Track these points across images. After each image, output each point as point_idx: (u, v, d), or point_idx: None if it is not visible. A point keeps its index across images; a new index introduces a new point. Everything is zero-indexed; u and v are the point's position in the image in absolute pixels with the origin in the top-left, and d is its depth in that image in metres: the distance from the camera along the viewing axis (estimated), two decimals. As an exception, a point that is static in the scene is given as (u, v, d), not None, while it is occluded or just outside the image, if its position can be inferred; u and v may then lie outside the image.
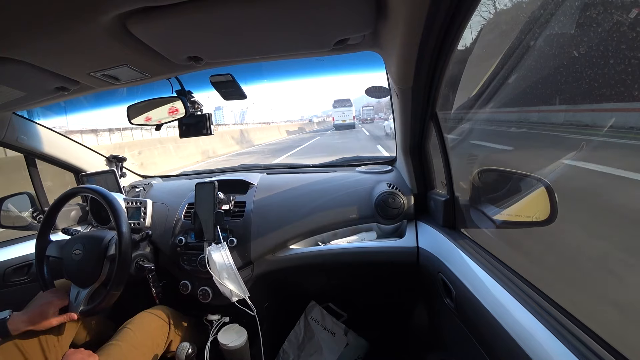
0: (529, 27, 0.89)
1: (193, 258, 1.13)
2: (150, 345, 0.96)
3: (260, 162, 6.44)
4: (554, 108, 1.24)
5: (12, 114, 1.20)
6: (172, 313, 1.11)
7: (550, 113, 1.27)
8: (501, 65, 1.01)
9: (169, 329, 1.05)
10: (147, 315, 1.04)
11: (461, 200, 0.97)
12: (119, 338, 0.93)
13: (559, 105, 1.20)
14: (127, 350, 0.90)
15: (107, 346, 0.90)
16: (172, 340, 1.07)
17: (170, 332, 1.06)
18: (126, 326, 0.97)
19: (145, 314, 1.04)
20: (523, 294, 0.62)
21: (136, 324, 0.98)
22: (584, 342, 0.48)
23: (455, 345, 0.91)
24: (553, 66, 0.91)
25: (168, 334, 1.05)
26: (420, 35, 0.62)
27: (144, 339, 0.95)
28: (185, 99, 1.08)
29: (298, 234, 1.17)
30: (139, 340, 0.93)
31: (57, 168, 1.46)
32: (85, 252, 0.95)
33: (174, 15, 0.64)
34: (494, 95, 1.16)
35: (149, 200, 1.20)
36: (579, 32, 0.69)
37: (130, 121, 1.13)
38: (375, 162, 1.48)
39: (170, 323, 1.07)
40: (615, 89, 0.77)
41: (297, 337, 1.42)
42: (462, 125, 1.53)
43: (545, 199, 0.70)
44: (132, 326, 0.97)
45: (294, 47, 0.88)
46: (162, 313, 1.07)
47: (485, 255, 0.79)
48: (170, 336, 1.05)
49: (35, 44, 0.69)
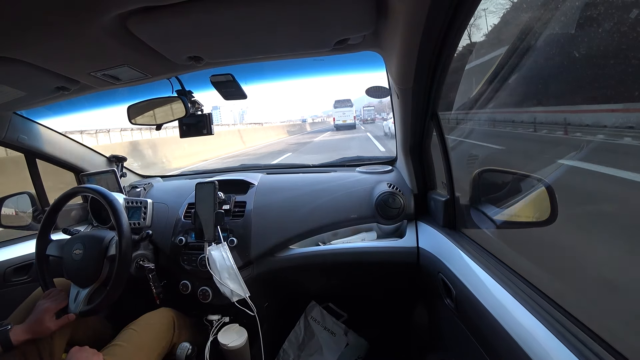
0: (529, 27, 0.89)
1: (193, 258, 1.13)
2: (156, 347, 0.96)
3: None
4: (551, 109, 1.24)
5: (12, 114, 1.20)
6: (177, 315, 1.11)
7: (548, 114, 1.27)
8: (501, 65, 1.01)
9: (173, 332, 1.05)
10: (152, 316, 1.04)
11: (461, 200, 0.97)
12: (123, 339, 0.92)
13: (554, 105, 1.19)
14: (132, 351, 0.90)
15: (112, 347, 0.89)
16: (176, 342, 1.07)
17: (175, 334, 1.06)
18: (131, 327, 0.97)
19: (150, 315, 1.04)
20: (523, 294, 0.62)
21: (141, 325, 0.98)
22: (584, 342, 0.48)
23: (455, 345, 0.91)
24: (551, 65, 0.91)
25: (173, 336, 1.05)
26: (420, 35, 0.62)
27: (149, 341, 0.95)
28: (185, 98, 1.08)
29: (298, 234, 1.17)
30: (143, 341, 0.93)
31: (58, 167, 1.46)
32: (85, 252, 0.95)
33: (175, 15, 0.64)
34: (494, 95, 1.15)
35: (149, 200, 1.20)
36: (579, 32, 0.69)
37: (131, 121, 1.13)
38: (376, 162, 1.48)
39: (175, 325, 1.07)
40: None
41: (297, 337, 1.43)
42: (462, 125, 1.53)
43: (546, 199, 0.70)
44: (137, 327, 0.97)
45: (294, 47, 0.88)
46: (167, 315, 1.07)
47: (485, 255, 0.79)
48: (174, 338, 1.05)
49: (35, 44, 0.69)
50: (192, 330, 1.17)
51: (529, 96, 1.27)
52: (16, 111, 1.21)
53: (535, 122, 1.34)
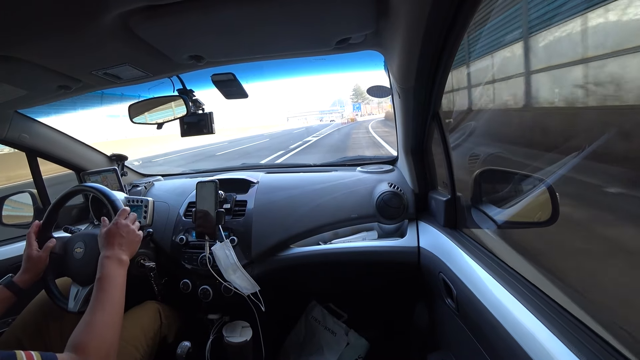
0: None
1: (194, 257, 1.13)
2: (143, 339, 0.97)
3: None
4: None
5: (14, 112, 1.20)
6: (163, 307, 1.11)
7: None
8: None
9: (160, 323, 1.06)
10: (137, 311, 1.04)
11: (462, 200, 0.97)
12: None
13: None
14: (121, 345, 0.90)
15: None
16: (167, 334, 1.07)
17: (163, 326, 1.06)
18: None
19: (134, 309, 1.05)
20: (524, 294, 0.62)
21: (127, 319, 0.99)
22: (584, 342, 0.48)
23: (456, 345, 0.90)
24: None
25: (160, 327, 1.05)
26: (422, 34, 0.62)
27: (136, 334, 0.96)
28: (186, 97, 1.08)
29: (299, 233, 1.17)
30: (130, 334, 0.94)
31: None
32: (86, 251, 0.95)
33: (176, 14, 0.64)
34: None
35: (150, 198, 1.20)
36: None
37: (132, 120, 1.13)
38: (377, 161, 1.48)
39: (162, 317, 1.07)
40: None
41: (298, 337, 1.43)
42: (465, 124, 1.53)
43: (547, 199, 0.70)
44: (124, 322, 0.97)
45: (295, 46, 0.88)
46: (151, 308, 1.08)
47: (486, 255, 0.78)
48: (163, 330, 1.06)
49: (37, 43, 0.69)
50: (192, 329, 1.17)
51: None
52: (18, 110, 1.21)
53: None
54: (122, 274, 0.78)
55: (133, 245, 0.87)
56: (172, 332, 1.10)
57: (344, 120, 33.06)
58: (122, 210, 0.91)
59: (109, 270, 0.76)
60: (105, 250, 0.80)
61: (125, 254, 0.82)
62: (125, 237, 0.85)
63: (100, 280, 0.73)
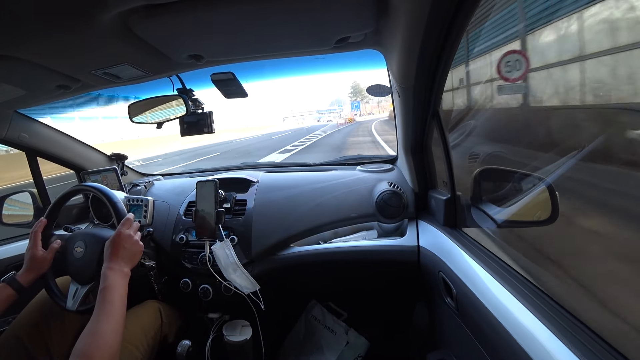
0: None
1: (194, 256, 1.13)
2: (143, 338, 0.97)
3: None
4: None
5: (13, 112, 1.20)
6: (163, 306, 1.11)
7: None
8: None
9: (161, 323, 1.06)
10: (137, 310, 1.04)
11: (462, 199, 0.97)
12: None
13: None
14: (122, 345, 0.90)
15: None
16: (167, 333, 1.07)
17: (163, 325, 1.06)
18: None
19: (135, 309, 1.05)
20: (524, 293, 0.62)
21: (128, 319, 0.98)
22: (584, 342, 0.48)
23: (455, 344, 0.91)
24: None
25: (161, 327, 1.05)
26: (422, 33, 0.62)
27: (136, 333, 0.96)
28: (186, 97, 1.08)
29: (299, 233, 1.17)
30: (131, 334, 0.94)
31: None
32: (86, 250, 0.96)
33: (175, 13, 0.64)
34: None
35: (150, 198, 1.20)
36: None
37: (132, 119, 1.13)
38: (377, 160, 1.48)
39: (162, 316, 1.07)
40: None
41: (297, 336, 1.43)
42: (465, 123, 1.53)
43: (547, 198, 0.70)
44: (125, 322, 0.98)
45: (295, 45, 0.88)
46: (152, 306, 1.08)
47: (486, 254, 0.79)
48: (163, 330, 1.06)
49: (37, 42, 0.69)
50: (192, 328, 1.17)
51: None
52: (17, 109, 1.21)
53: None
54: (124, 285, 0.81)
55: (135, 257, 0.88)
56: (173, 331, 1.11)
57: (342, 121, 31.78)
58: (126, 219, 0.91)
59: (112, 281, 0.78)
60: (109, 262, 0.82)
61: (127, 266, 0.84)
62: (128, 249, 0.86)
63: (104, 291, 0.76)
